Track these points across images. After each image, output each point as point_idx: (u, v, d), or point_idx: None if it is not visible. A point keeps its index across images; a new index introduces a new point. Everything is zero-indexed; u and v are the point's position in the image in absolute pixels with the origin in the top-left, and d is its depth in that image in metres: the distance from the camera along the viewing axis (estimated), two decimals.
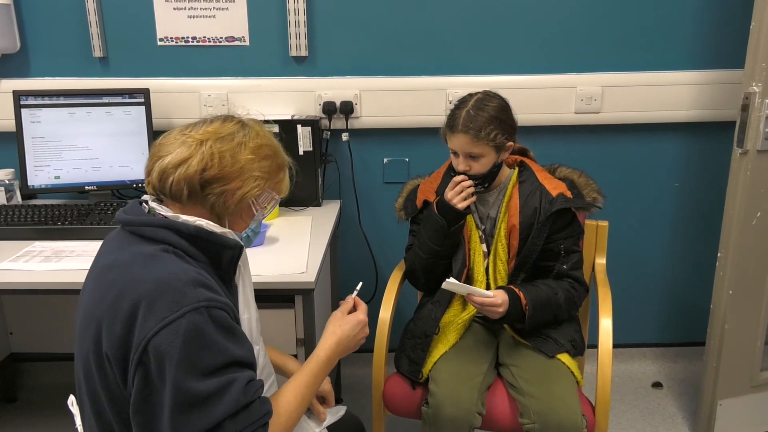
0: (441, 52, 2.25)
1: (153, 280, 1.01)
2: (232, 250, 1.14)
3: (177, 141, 1.12)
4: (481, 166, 1.65)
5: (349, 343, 1.27)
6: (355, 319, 1.29)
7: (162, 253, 1.06)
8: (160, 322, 0.97)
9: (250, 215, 1.18)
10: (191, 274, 1.03)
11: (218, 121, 1.16)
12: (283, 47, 2.25)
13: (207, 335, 0.99)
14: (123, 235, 1.12)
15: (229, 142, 1.12)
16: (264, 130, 1.18)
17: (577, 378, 1.63)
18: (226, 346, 1.02)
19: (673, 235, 2.48)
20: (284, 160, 1.20)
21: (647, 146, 2.37)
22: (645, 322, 2.59)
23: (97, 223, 1.96)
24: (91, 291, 1.09)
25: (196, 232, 1.09)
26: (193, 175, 1.09)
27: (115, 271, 1.05)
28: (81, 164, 2.13)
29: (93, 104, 2.10)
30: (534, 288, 1.67)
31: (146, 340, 0.97)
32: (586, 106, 2.27)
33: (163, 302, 0.99)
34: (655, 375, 2.56)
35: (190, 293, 1.00)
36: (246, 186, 1.12)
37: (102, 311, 1.03)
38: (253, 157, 1.13)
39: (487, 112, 1.62)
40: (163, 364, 0.97)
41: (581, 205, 1.70)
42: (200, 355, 0.98)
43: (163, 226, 1.08)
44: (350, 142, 2.31)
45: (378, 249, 2.41)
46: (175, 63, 2.26)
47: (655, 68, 2.26)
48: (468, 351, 1.70)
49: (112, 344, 1.01)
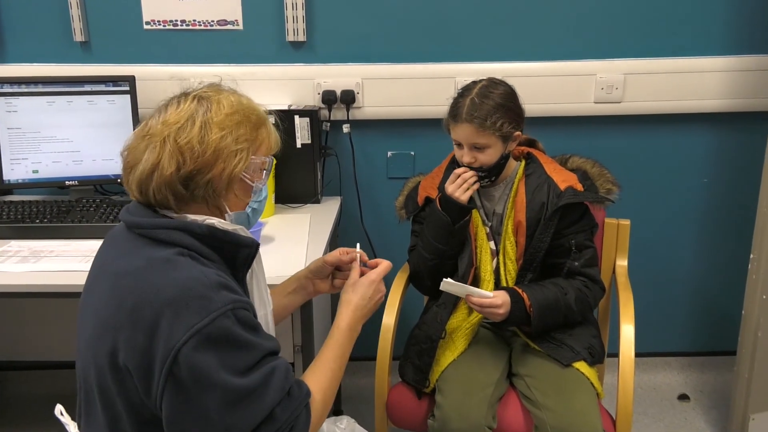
0: (450, 37, 2.25)
1: (175, 287, 1.02)
2: (248, 249, 1.16)
3: (140, 144, 1.12)
4: (487, 157, 1.65)
5: (367, 306, 1.33)
6: (367, 280, 1.35)
7: (178, 257, 1.07)
8: (188, 330, 0.99)
9: (246, 190, 1.18)
10: (213, 277, 1.05)
11: (173, 105, 1.14)
12: (280, 31, 2.25)
13: (237, 336, 1.03)
14: (131, 237, 1.13)
15: (191, 128, 1.10)
16: (226, 95, 1.15)
17: (596, 389, 1.63)
18: (257, 342, 1.06)
19: (702, 235, 2.47)
20: (259, 116, 1.18)
21: (673, 139, 2.36)
22: (670, 329, 2.58)
23: (79, 221, 1.96)
24: (102, 298, 1.09)
25: (209, 232, 1.11)
26: (170, 178, 1.09)
27: (131, 277, 1.06)
28: (61, 157, 2.13)
29: (74, 92, 2.11)
30: (540, 288, 1.67)
31: (176, 350, 0.98)
32: (607, 96, 2.26)
33: (189, 309, 1.00)
34: (682, 387, 2.56)
35: (216, 297, 1.02)
36: (228, 165, 1.11)
37: (119, 321, 1.03)
38: (222, 132, 1.11)
39: (492, 99, 1.62)
40: (200, 372, 0.99)
41: (591, 199, 1.70)
42: (235, 356, 1.02)
43: (176, 227, 1.09)
44: (352, 134, 2.31)
45: (381, 249, 2.41)
46: (162, 48, 2.26)
47: (683, 54, 2.25)
48: (478, 359, 1.70)
49: (132, 355, 1.02)
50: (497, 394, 1.64)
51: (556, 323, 1.69)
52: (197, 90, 1.16)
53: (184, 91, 1.17)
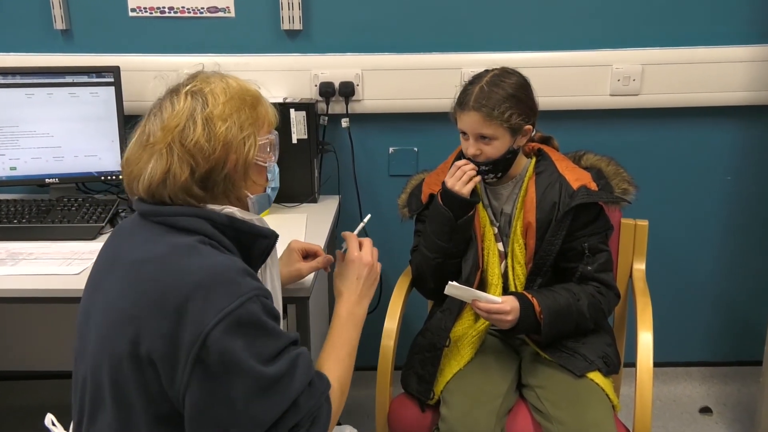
0: (456, 25, 2.26)
1: (203, 270, 1.06)
2: (267, 240, 1.22)
3: (143, 155, 1.15)
4: (493, 149, 1.66)
5: (359, 286, 1.39)
6: (358, 261, 1.40)
7: (200, 245, 1.11)
8: (218, 313, 1.03)
9: (261, 172, 1.24)
10: (239, 264, 1.11)
11: (167, 107, 1.16)
12: (274, 19, 2.25)
13: (265, 323, 1.07)
14: (148, 226, 1.16)
15: (194, 127, 1.13)
16: (215, 82, 1.19)
17: (612, 401, 1.63)
18: (281, 330, 1.11)
19: (725, 237, 2.47)
20: (253, 95, 1.22)
21: (695, 134, 2.36)
22: (691, 337, 2.58)
23: (60, 221, 1.97)
24: (122, 288, 1.11)
25: (229, 222, 1.16)
26: (186, 183, 1.13)
27: (153, 264, 1.09)
28: (41, 153, 2.14)
29: (54, 84, 2.11)
30: (551, 294, 1.67)
31: (205, 334, 1.02)
32: (624, 88, 2.26)
33: (219, 292, 1.04)
34: (703, 399, 2.56)
35: (244, 282, 1.08)
36: (240, 153, 1.16)
37: (142, 308, 1.06)
38: (227, 123, 1.15)
39: (503, 89, 1.63)
40: (228, 358, 1.02)
41: (606, 199, 1.70)
42: (263, 342, 1.07)
43: (197, 215, 1.14)
44: (351, 128, 2.31)
45: (383, 251, 2.39)
46: (149, 37, 2.27)
47: (705, 43, 2.26)
48: (485, 369, 1.70)
49: (156, 343, 1.04)
50: (506, 407, 1.64)
51: (568, 331, 1.69)
52: (185, 84, 1.19)
53: (172, 88, 1.19)
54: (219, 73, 1.22)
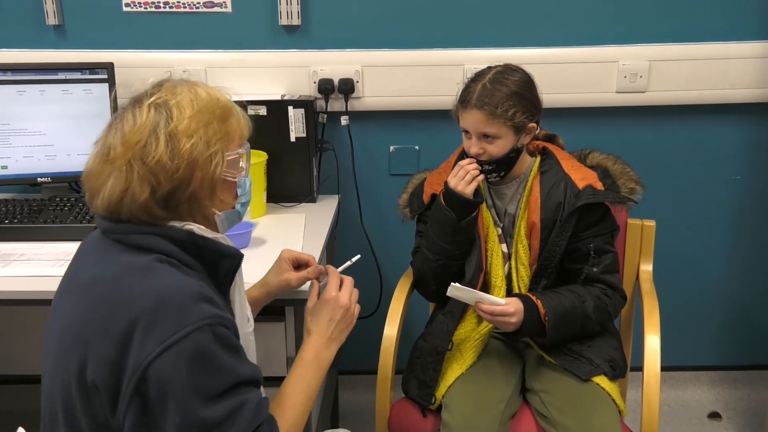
0: (458, 20, 2.26)
1: (151, 296, 1.03)
2: (231, 260, 1.17)
3: (104, 169, 1.11)
4: (497, 148, 1.66)
5: (330, 329, 1.31)
6: (334, 302, 1.32)
7: (156, 263, 1.08)
8: (161, 344, 0.99)
9: (230, 188, 1.20)
10: (193, 287, 1.06)
11: (128, 119, 1.11)
12: (272, 14, 2.25)
13: (213, 356, 1.02)
14: (106, 244, 1.13)
15: (156, 144, 1.08)
16: (182, 93, 1.13)
17: (618, 406, 1.63)
18: (234, 366, 1.05)
19: (734, 238, 2.47)
20: (223, 107, 1.16)
21: (703, 132, 2.36)
22: (700, 340, 2.58)
23: (52, 222, 1.97)
24: (73, 309, 1.10)
25: (190, 239, 1.11)
26: (146, 203, 1.09)
27: (104, 286, 1.07)
28: (32, 152, 2.14)
29: (47, 81, 2.11)
30: (556, 295, 1.67)
31: (145, 365, 0.99)
32: (630, 84, 2.26)
33: (164, 321, 1.01)
34: (712, 404, 2.56)
35: (193, 309, 1.03)
36: (206, 170, 1.12)
37: (90, 333, 1.04)
38: (192, 140, 1.10)
39: (506, 86, 1.63)
40: (166, 392, 0.99)
41: (612, 199, 1.70)
42: (207, 379, 1.02)
43: (154, 233, 1.10)
44: (350, 126, 2.31)
45: (383, 253, 2.42)
46: (144, 33, 2.27)
47: (714, 38, 2.25)
48: (488, 373, 1.70)
49: (101, 370, 1.02)
50: (509, 412, 1.64)
51: (573, 334, 1.69)
52: (150, 95, 1.13)
53: (135, 98, 1.15)
54: (188, 82, 1.17)
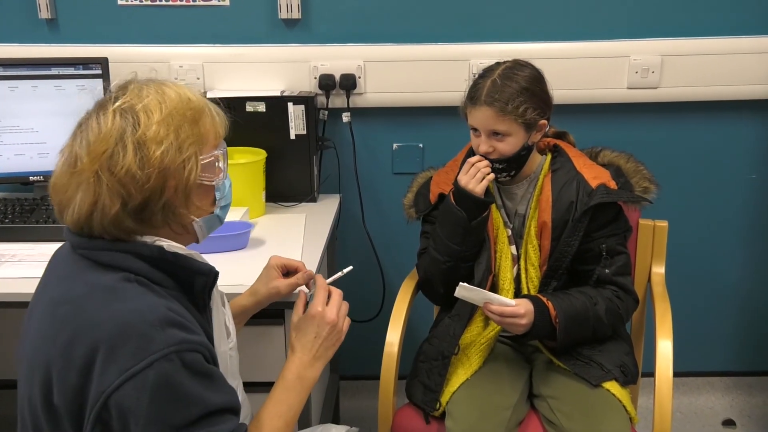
0: (464, 13, 2.25)
1: (113, 322, 1.01)
2: (205, 277, 1.15)
3: (72, 182, 1.08)
4: (507, 146, 1.65)
5: (315, 346, 1.29)
6: (319, 318, 1.29)
7: (123, 283, 1.06)
8: (122, 374, 0.98)
9: (208, 192, 1.17)
10: (159, 311, 1.03)
11: (93, 127, 1.07)
12: (271, 7, 2.25)
13: (179, 386, 1.00)
14: (74, 259, 1.12)
15: (124, 153, 1.04)
16: (149, 95, 1.09)
17: (629, 413, 1.63)
18: (202, 396, 1.03)
19: (749, 239, 2.47)
20: (194, 108, 1.12)
21: (717, 129, 2.36)
22: (713, 345, 2.58)
23: (44, 222, 1.97)
24: (38, 328, 1.09)
25: (160, 255, 1.09)
26: (116, 216, 1.06)
27: (67, 307, 1.06)
28: (24, 149, 2.14)
29: (39, 76, 2.11)
30: (567, 297, 1.67)
31: (106, 395, 0.98)
32: (642, 80, 2.26)
33: (125, 350, 0.99)
34: (726, 411, 2.55)
35: (158, 337, 1.01)
36: (179, 178, 1.08)
37: (52, 355, 1.04)
38: (162, 147, 1.06)
39: (516, 82, 1.63)
40: (128, 423, 0.98)
41: (627, 198, 1.70)
42: (173, 410, 1.00)
43: (123, 250, 1.08)
44: (352, 123, 2.31)
45: (385, 254, 2.42)
46: (139, 26, 2.27)
47: (729, 33, 2.25)
48: (494, 378, 1.70)
49: (64, 395, 1.02)
50: (516, 419, 1.64)
51: (585, 337, 1.69)
52: (114, 99, 1.09)
53: (100, 102, 1.11)
54: (155, 82, 1.13)
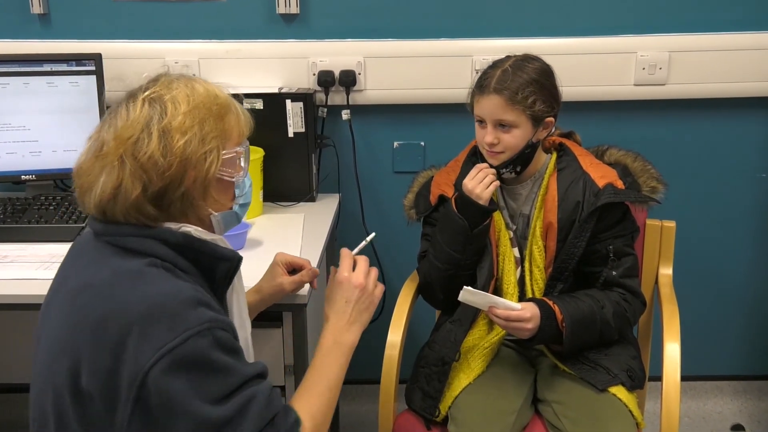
0: (466, 8, 2.25)
1: (144, 302, 1.05)
2: (228, 263, 1.19)
3: (95, 165, 1.13)
4: (513, 138, 1.65)
5: (347, 311, 1.33)
6: (347, 283, 1.34)
7: (149, 268, 1.09)
8: (158, 351, 1.01)
9: (227, 188, 1.21)
10: (188, 292, 1.08)
11: (122, 114, 1.13)
12: (269, 2, 2.25)
13: (214, 360, 1.05)
14: (97, 246, 1.15)
15: (149, 139, 1.10)
16: (178, 88, 1.15)
17: (636, 418, 1.63)
18: (237, 366, 1.08)
19: (758, 240, 2.46)
20: (221, 104, 1.18)
21: (726, 127, 2.35)
22: (722, 348, 2.58)
23: (36, 222, 1.97)
24: (61, 315, 1.11)
25: (185, 241, 1.13)
26: (137, 201, 1.10)
27: (94, 292, 1.09)
28: (16, 148, 2.14)
29: (31, 73, 2.11)
30: (573, 300, 1.66)
31: (144, 373, 1.01)
32: (649, 77, 2.26)
33: (159, 328, 1.02)
34: (735, 416, 2.55)
35: (190, 315, 1.05)
36: (200, 169, 1.13)
37: (81, 341, 1.06)
38: (186, 137, 1.11)
39: (527, 73, 1.63)
40: (169, 399, 1.01)
41: (635, 198, 1.70)
42: (210, 383, 1.04)
43: (149, 235, 1.12)
44: (352, 121, 2.31)
45: (386, 254, 2.41)
46: (133, 22, 2.27)
47: (737, 28, 2.25)
48: (497, 382, 1.70)
49: (96, 379, 1.04)
50: (520, 424, 1.64)
51: (591, 341, 1.69)
52: (144, 89, 1.15)
53: (130, 92, 1.16)
54: (185, 77, 1.18)
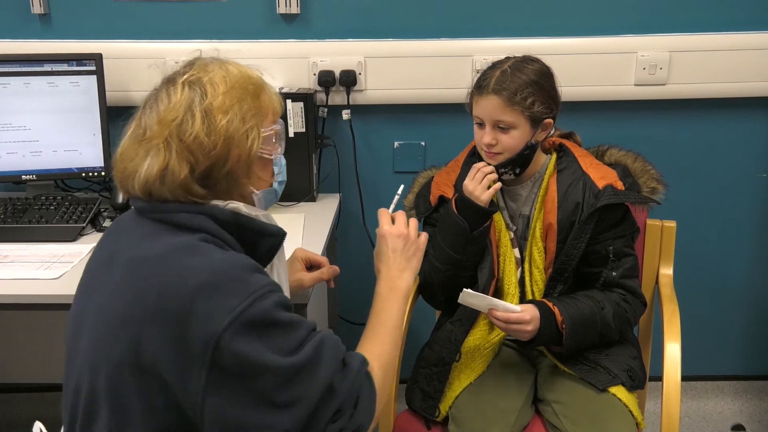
0: (467, 8, 2.25)
1: (208, 270, 1.08)
2: (273, 239, 1.23)
3: (140, 150, 1.16)
4: (511, 140, 1.65)
5: (400, 262, 1.39)
6: (389, 235, 1.41)
7: (202, 243, 1.13)
8: (229, 315, 1.04)
9: (267, 165, 1.26)
10: (245, 260, 1.13)
11: (163, 99, 1.17)
12: (269, 2, 2.25)
13: (279, 318, 1.09)
14: (145, 223, 1.18)
15: (192, 121, 1.14)
16: (214, 70, 1.19)
17: (636, 418, 1.63)
18: (300, 320, 1.13)
19: (759, 239, 2.46)
20: (255, 83, 1.23)
21: (727, 127, 2.35)
22: (723, 348, 2.58)
23: (37, 222, 1.97)
24: (115, 292, 1.12)
25: (233, 218, 1.17)
26: (185, 180, 1.14)
27: (151, 264, 1.11)
28: (17, 148, 2.14)
29: (32, 73, 2.11)
30: (573, 302, 1.67)
31: (217, 337, 1.03)
32: (650, 77, 2.26)
33: (226, 292, 1.06)
34: (736, 416, 2.55)
35: (252, 279, 1.09)
36: (243, 147, 1.17)
37: (140, 312, 1.08)
38: (228, 116, 1.16)
39: (526, 74, 1.63)
40: (246, 358, 1.04)
41: (634, 200, 1.70)
42: (281, 337, 1.08)
43: (200, 211, 1.15)
44: (352, 121, 2.31)
45: None
46: (134, 22, 2.27)
47: (738, 28, 2.25)
48: (498, 382, 1.70)
49: (162, 350, 1.06)
50: (520, 424, 1.64)
51: (592, 342, 1.69)
52: (182, 73, 1.19)
53: (168, 78, 1.20)
54: (218, 60, 1.23)
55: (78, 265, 1.76)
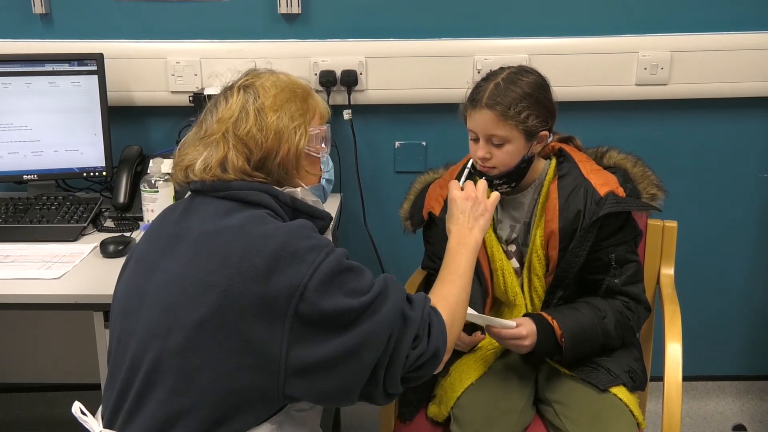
0: (468, 8, 2.25)
1: (282, 233, 1.22)
2: (322, 221, 1.39)
3: (199, 144, 1.33)
4: (505, 155, 1.62)
5: (468, 221, 1.51)
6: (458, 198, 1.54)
7: (269, 217, 1.27)
8: (310, 268, 1.18)
9: (314, 163, 1.41)
10: (310, 224, 1.29)
11: (221, 103, 1.34)
12: (270, 2, 2.25)
13: (350, 266, 1.24)
14: (211, 202, 1.30)
15: (247, 118, 1.31)
16: (266, 77, 1.37)
17: (637, 419, 1.63)
18: (363, 267, 1.28)
19: (760, 240, 2.47)
20: (303, 89, 1.39)
21: (728, 127, 2.36)
22: (724, 348, 2.58)
23: (38, 222, 1.97)
24: (192, 262, 1.22)
25: (291, 201, 1.33)
26: (243, 168, 1.30)
27: (229, 233, 1.23)
28: (18, 148, 2.14)
29: (33, 73, 2.12)
30: (573, 312, 1.65)
31: (302, 288, 1.17)
32: (651, 77, 2.26)
33: (302, 249, 1.20)
34: (737, 416, 2.55)
35: (320, 238, 1.26)
36: (292, 143, 1.33)
37: (226, 276, 1.18)
38: (277, 114, 1.32)
39: (520, 87, 1.60)
40: (329, 305, 1.18)
41: (636, 207, 1.68)
42: (355, 282, 1.23)
43: (264, 190, 1.30)
44: (353, 121, 2.31)
45: (387, 255, 2.42)
46: (135, 21, 2.27)
47: (740, 28, 2.25)
48: (500, 383, 1.70)
49: (248, 306, 1.17)
50: (522, 423, 1.64)
51: (592, 352, 1.68)
52: (237, 81, 1.37)
53: (226, 87, 1.37)
54: (270, 70, 1.40)
55: (79, 265, 1.76)
